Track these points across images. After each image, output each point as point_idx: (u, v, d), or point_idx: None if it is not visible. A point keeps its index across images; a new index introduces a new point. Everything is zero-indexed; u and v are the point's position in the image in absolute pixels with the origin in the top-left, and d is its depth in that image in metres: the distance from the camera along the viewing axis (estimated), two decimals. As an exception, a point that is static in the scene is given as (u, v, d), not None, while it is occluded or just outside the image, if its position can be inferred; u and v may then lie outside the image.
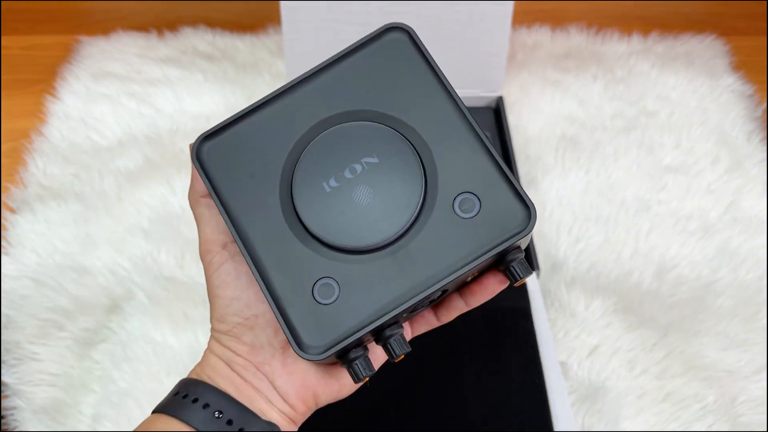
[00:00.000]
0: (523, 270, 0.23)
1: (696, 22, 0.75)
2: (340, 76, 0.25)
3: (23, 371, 0.50)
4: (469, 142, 0.24)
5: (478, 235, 0.23)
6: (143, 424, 0.24)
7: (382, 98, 0.24)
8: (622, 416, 0.47)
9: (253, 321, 0.25)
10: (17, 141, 0.64)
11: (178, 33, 0.73)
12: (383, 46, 0.25)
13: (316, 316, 0.23)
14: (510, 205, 0.23)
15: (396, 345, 0.23)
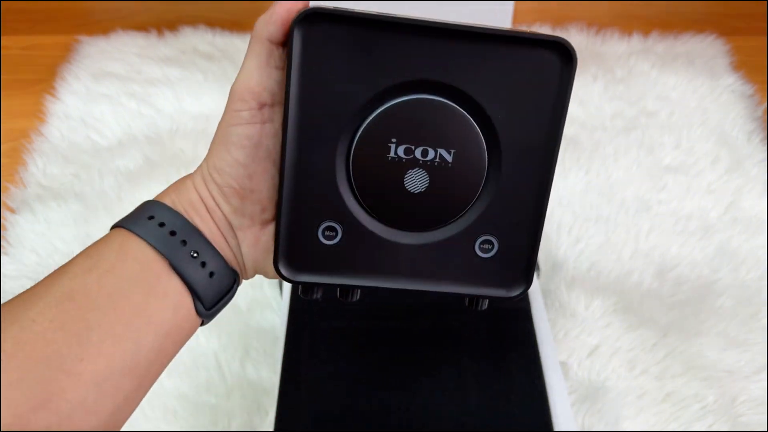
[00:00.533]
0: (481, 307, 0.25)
1: (696, 22, 0.75)
2: (483, 52, 0.23)
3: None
4: (535, 196, 0.24)
5: (476, 273, 0.24)
6: (109, 237, 0.23)
7: (499, 101, 0.23)
8: (622, 416, 0.47)
9: (247, 193, 0.24)
10: (17, 141, 0.64)
11: (178, 33, 0.73)
12: (540, 57, 0.23)
13: (306, 247, 0.24)
14: (516, 270, 0.24)
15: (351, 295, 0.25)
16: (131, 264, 0.22)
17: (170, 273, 0.23)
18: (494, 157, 0.23)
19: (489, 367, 0.48)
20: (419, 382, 0.47)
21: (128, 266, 0.22)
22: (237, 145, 0.24)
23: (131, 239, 0.23)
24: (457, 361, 0.48)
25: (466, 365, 0.48)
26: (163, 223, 0.24)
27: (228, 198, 0.25)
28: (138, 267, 0.22)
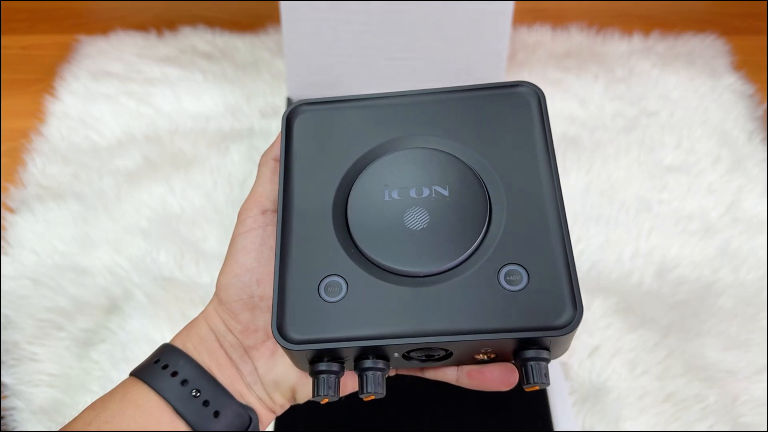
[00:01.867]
0: (538, 375, 0.21)
1: (697, 22, 0.75)
2: (452, 103, 0.24)
3: (22, 372, 0.50)
4: (549, 216, 0.22)
5: (509, 311, 0.21)
6: (119, 388, 0.24)
7: (481, 140, 0.24)
8: (622, 417, 0.47)
9: (256, 302, 0.24)
10: (16, 141, 0.64)
11: (177, 32, 0.73)
12: (507, 95, 0.24)
13: (311, 308, 0.22)
14: (558, 297, 0.21)
15: (371, 381, 0.22)
16: (132, 411, 0.22)
17: (173, 417, 0.23)
18: (493, 182, 0.23)
19: (489, 368, 0.48)
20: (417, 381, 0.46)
21: (128, 414, 0.22)
22: (242, 250, 0.24)
23: (135, 387, 0.23)
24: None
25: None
26: (166, 365, 0.24)
27: (238, 315, 0.24)
28: (139, 413, 0.22)
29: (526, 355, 0.21)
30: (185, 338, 0.25)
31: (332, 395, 0.22)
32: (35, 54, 0.72)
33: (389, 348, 0.22)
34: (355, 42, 0.59)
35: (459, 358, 0.23)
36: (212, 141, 0.64)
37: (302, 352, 0.22)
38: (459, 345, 0.21)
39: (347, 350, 0.22)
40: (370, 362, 0.22)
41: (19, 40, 0.73)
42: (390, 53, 0.60)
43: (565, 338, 0.21)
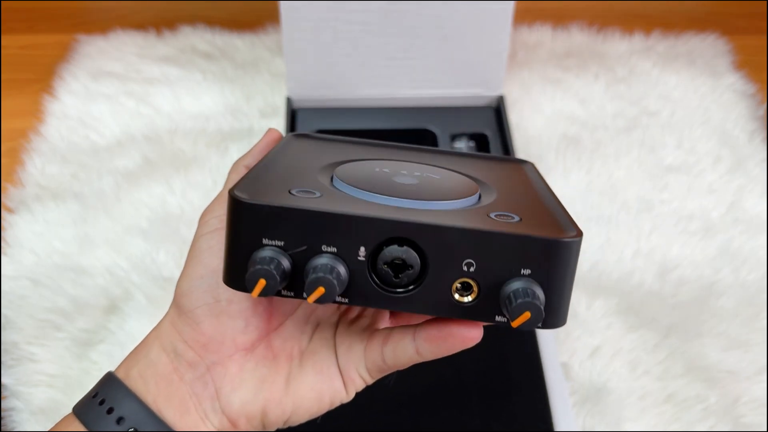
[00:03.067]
0: (525, 296, 0.18)
1: (698, 21, 0.75)
2: (454, 157, 0.26)
3: (21, 372, 0.49)
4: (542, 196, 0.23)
5: (503, 226, 0.19)
6: (59, 425, 0.22)
7: (477, 171, 0.24)
8: (623, 417, 0.47)
9: (223, 306, 0.21)
10: (15, 141, 0.64)
11: (176, 32, 0.72)
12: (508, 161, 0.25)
13: (274, 192, 0.20)
14: (555, 223, 0.20)
15: (321, 269, 0.18)
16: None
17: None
18: (484, 184, 0.25)
19: (489, 367, 0.48)
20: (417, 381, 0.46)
21: None
22: (208, 251, 0.22)
23: (72, 426, 0.21)
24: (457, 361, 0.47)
25: (466, 365, 0.48)
26: (103, 400, 0.21)
27: (201, 324, 0.21)
28: None
29: (514, 286, 0.19)
30: (130, 364, 0.22)
31: (273, 281, 0.18)
32: (34, 54, 0.72)
33: (357, 237, 0.19)
34: (355, 42, 0.59)
35: (431, 290, 0.20)
36: (212, 141, 0.63)
37: (251, 218, 0.19)
38: (444, 242, 0.19)
39: (304, 230, 0.19)
40: (326, 258, 0.19)
41: (18, 39, 0.73)
42: (390, 53, 0.60)
43: (565, 267, 0.19)
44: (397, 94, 0.62)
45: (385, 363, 0.22)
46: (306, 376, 0.23)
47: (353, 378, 0.23)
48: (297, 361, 0.23)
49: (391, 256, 0.19)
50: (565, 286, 0.19)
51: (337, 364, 0.23)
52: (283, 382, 0.23)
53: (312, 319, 0.25)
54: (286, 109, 0.62)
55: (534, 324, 0.18)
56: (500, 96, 0.63)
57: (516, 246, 0.19)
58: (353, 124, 0.61)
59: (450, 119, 0.61)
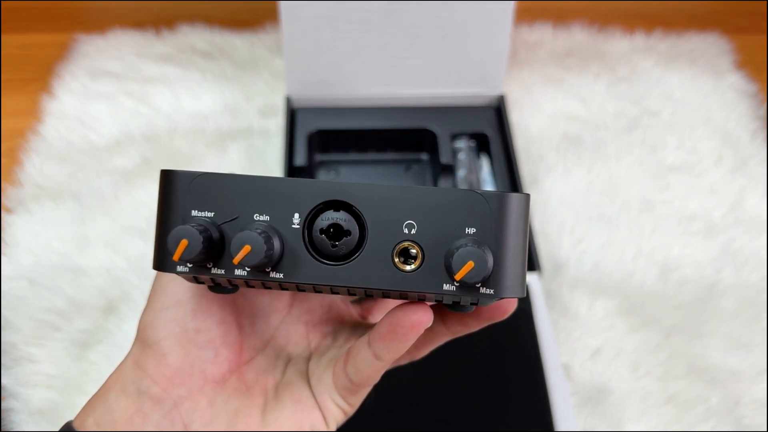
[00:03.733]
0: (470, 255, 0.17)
1: (699, 20, 0.74)
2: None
3: (19, 372, 0.49)
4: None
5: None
6: None
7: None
8: (624, 418, 0.47)
9: (190, 336, 0.20)
10: (14, 140, 0.64)
11: (175, 31, 0.72)
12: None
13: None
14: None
15: (246, 231, 0.17)
16: None
17: None
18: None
19: (489, 368, 0.48)
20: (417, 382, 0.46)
21: None
22: (171, 283, 0.21)
23: None
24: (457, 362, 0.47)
25: (466, 365, 0.47)
26: None
27: (167, 356, 0.20)
28: None
29: (458, 243, 0.17)
30: (87, 412, 0.21)
31: (195, 242, 0.17)
32: (33, 53, 0.72)
33: (290, 202, 0.18)
34: (355, 41, 0.58)
35: (372, 259, 0.18)
36: (211, 140, 0.63)
37: (179, 189, 0.18)
38: (382, 203, 0.18)
39: (234, 198, 0.18)
40: (259, 223, 0.18)
41: (16, 39, 0.73)
42: (390, 52, 0.60)
43: (512, 224, 0.18)
44: (397, 94, 0.62)
45: (352, 381, 0.22)
46: (283, 407, 0.22)
47: (330, 408, 0.22)
48: (272, 393, 0.22)
49: (328, 222, 0.18)
50: (515, 246, 0.18)
51: (313, 396, 0.22)
52: (258, 414, 0.21)
53: (283, 354, 0.24)
54: (286, 109, 0.61)
55: (479, 275, 0.17)
56: (501, 95, 0.63)
57: (459, 202, 0.18)
58: (353, 124, 0.61)
59: (450, 119, 0.61)
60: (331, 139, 0.61)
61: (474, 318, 0.22)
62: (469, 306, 0.21)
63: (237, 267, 0.18)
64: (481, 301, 0.20)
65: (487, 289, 0.18)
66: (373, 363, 0.21)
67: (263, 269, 0.18)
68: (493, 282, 0.18)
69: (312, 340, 0.25)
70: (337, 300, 0.26)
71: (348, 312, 0.27)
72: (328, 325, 0.26)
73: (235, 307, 0.23)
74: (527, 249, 0.19)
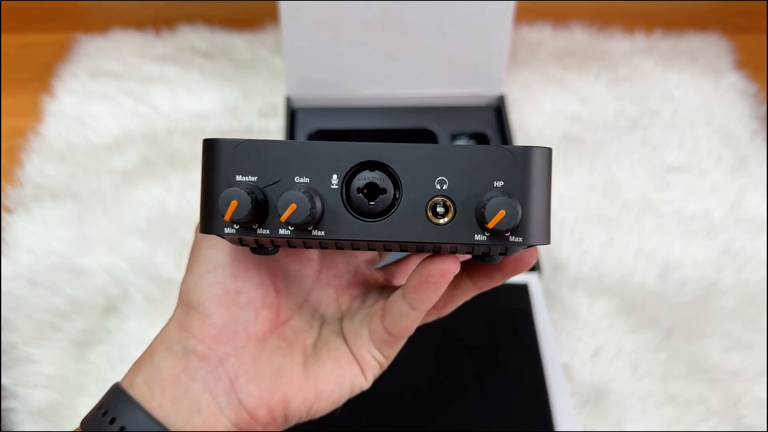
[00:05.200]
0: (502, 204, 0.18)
1: (700, 20, 0.74)
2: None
3: (19, 373, 0.49)
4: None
5: None
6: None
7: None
8: (624, 418, 0.47)
9: (232, 296, 0.21)
10: (14, 140, 0.64)
11: (175, 31, 0.72)
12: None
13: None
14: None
15: (292, 191, 0.18)
16: None
17: None
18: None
19: (489, 368, 0.48)
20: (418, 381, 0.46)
21: None
22: (212, 248, 0.22)
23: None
24: (458, 362, 0.47)
25: (466, 365, 0.47)
26: (106, 411, 0.20)
27: (211, 316, 0.21)
28: None
29: (488, 195, 0.19)
30: (134, 372, 0.22)
31: (244, 203, 0.18)
32: (33, 53, 0.72)
33: (329, 164, 0.19)
34: (354, 41, 0.58)
35: (407, 214, 0.19)
36: (211, 140, 0.63)
37: (223, 156, 0.19)
38: (415, 162, 0.19)
39: (276, 162, 0.19)
40: (300, 185, 0.19)
41: (16, 38, 0.73)
42: (390, 52, 0.60)
43: (537, 176, 0.19)
44: (397, 94, 0.62)
45: (390, 333, 0.23)
46: (323, 363, 0.23)
47: (368, 361, 0.24)
48: (311, 350, 0.24)
49: (364, 181, 0.19)
50: (540, 196, 0.20)
51: (351, 351, 0.24)
52: (300, 369, 0.22)
53: (317, 315, 0.26)
54: (286, 109, 0.61)
55: (510, 223, 0.18)
56: (501, 95, 0.63)
57: (487, 158, 0.19)
58: (353, 124, 0.61)
59: (450, 118, 0.61)
60: (331, 139, 0.61)
61: (499, 270, 0.23)
62: (498, 256, 0.22)
63: (282, 226, 0.19)
64: (509, 250, 0.21)
65: (515, 237, 0.19)
66: (408, 313, 0.22)
67: (306, 227, 0.19)
68: (521, 230, 0.19)
69: (342, 302, 0.26)
70: (362, 265, 0.28)
71: (373, 276, 0.28)
72: (356, 288, 0.27)
73: (270, 271, 0.24)
74: (550, 199, 0.20)
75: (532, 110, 0.66)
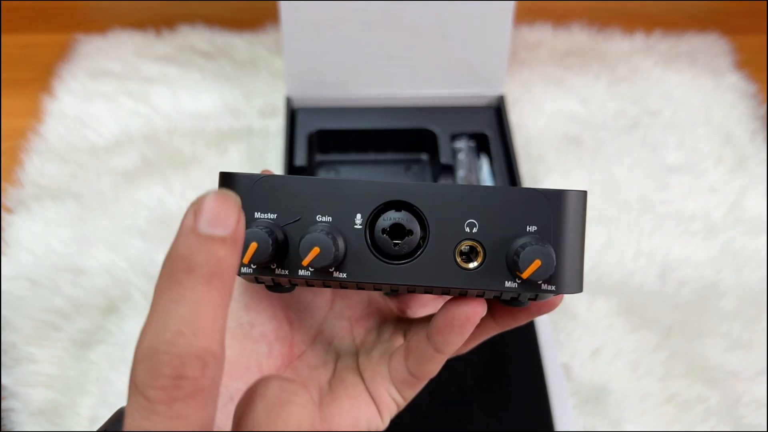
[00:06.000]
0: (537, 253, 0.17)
1: (699, 20, 0.74)
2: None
3: (20, 373, 0.49)
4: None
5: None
6: None
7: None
8: (624, 418, 0.47)
9: (246, 330, 0.21)
10: (14, 140, 0.64)
11: (175, 31, 0.72)
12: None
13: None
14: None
15: (315, 233, 0.17)
16: None
17: None
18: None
19: (489, 368, 0.48)
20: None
21: None
22: None
23: None
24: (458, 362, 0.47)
25: (466, 365, 0.47)
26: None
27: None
28: None
29: (521, 241, 0.18)
30: None
31: (264, 244, 0.17)
32: (33, 53, 0.72)
33: (352, 203, 0.18)
34: (355, 41, 0.58)
35: (434, 258, 0.19)
36: (211, 140, 0.63)
37: (242, 191, 0.18)
38: (443, 203, 0.18)
39: (297, 199, 0.18)
40: (322, 224, 0.18)
41: (16, 39, 0.73)
42: (390, 52, 0.60)
43: (572, 221, 0.18)
44: (397, 94, 0.62)
45: (413, 375, 0.22)
46: (339, 403, 0.22)
47: (386, 401, 0.23)
48: (326, 389, 0.23)
49: (390, 221, 0.18)
50: (574, 243, 0.19)
51: (367, 390, 0.23)
52: (315, 409, 0.21)
53: (331, 349, 0.25)
54: (286, 109, 0.61)
55: (546, 273, 0.17)
56: (501, 95, 0.63)
57: (519, 201, 0.18)
58: (353, 124, 0.61)
59: (450, 118, 0.61)
60: (331, 139, 0.61)
61: (524, 312, 0.22)
62: (526, 301, 0.21)
63: (302, 267, 0.18)
64: (539, 297, 0.20)
65: (548, 285, 0.18)
66: (434, 356, 0.21)
67: (327, 269, 0.18)
68: (554, 279, 0.18)
69: (357, 334, 0.26)
70: (375, 295, 0.27)
71: (387, 306, 0.27)
72: (370, 320, 0.26)
73: (283, 302, 0.23)
74: (584, 246, 0.19)
75: (532, 110, 0.66)
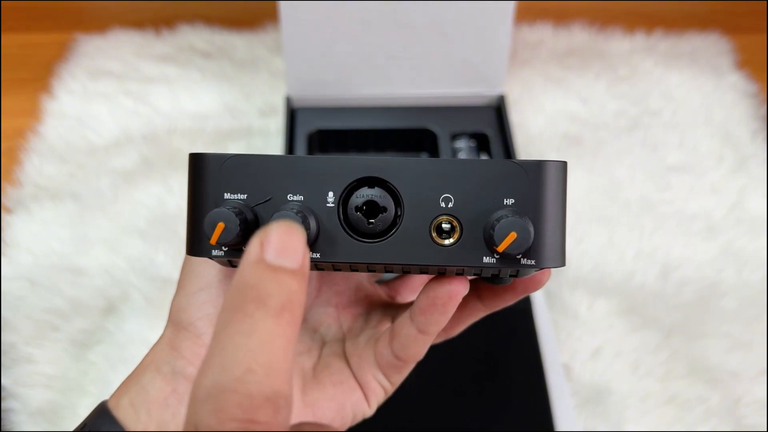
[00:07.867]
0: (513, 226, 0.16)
1: (700, 20, 0.74)
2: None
3: (19, 373, 0.49)
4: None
5: None
6: None
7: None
8: (625, 418, 0.46)
9: None
10: (14, 140, 0.64)
11: (175, 30, 0.72)
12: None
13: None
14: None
15: (283, 211, 0.17)
16: None
17: None
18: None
19: (489, 368, 0.48)
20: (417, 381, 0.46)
21: None
22: (203, 265, 0.21)
23: None
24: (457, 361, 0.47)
25: (466, 365, 0.47)
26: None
27: (201, 336, 0.20)
28: None
29: (497, 214, 0.17)
30: (121, 392, 0.20)
31: (232, 225, 0.17)
32: (32, 53, 0.72)
33: (324, 181, 0.17)
34: (354, 40, 0.58)
35: (409, 235, 0.18)
36: (211, 140, 0.63)
37: (210, 172, 0.17)
38: (417, 178, 0.18)
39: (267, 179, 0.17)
40: (293, 204, 0.18)
41: (16, 38, 0.73)
42: (390, 52, 0.59)
43: (551, 193, 0.18)
44: (397, 94, 0.62)
45: (398, 358, 0.22)
46: (323, 388, 0.22)
47: (373, 387, 0.22)
48: (310, 375, 0.22)
49: (363, 198, 0.18)
50: (554, 215, 0.19)
51: (354, 376, 0.22)
52: (298, 394, 0.21)
53: (316, 336, 0.24)
54: (286, 109, 0.61)
55: (522, 246, 0.17)
56: (501, 95, 0.63)
57: (495, 173, 0.18)
58: (353, 124, 0.61)
59: (450, 118, 0.61)
60: (331, 139, 0.61)
61: (510, 291, 0.22)
62: (508, 278, 0.21)
63: None
64: (521, 273, 0.19)
65: (528, 260, 0.18)
66: (417, 337, 0.21)
67: None
68: (533, 252, 0.18)
69: (344, 321, 0.25)
70: (364, 281, 0.27)
71: (376, 293, 0.27)
72: (358, 306, 0.26)
73: None
74: (565, 218, 0.19)
75: (532, 110, 0.66)
